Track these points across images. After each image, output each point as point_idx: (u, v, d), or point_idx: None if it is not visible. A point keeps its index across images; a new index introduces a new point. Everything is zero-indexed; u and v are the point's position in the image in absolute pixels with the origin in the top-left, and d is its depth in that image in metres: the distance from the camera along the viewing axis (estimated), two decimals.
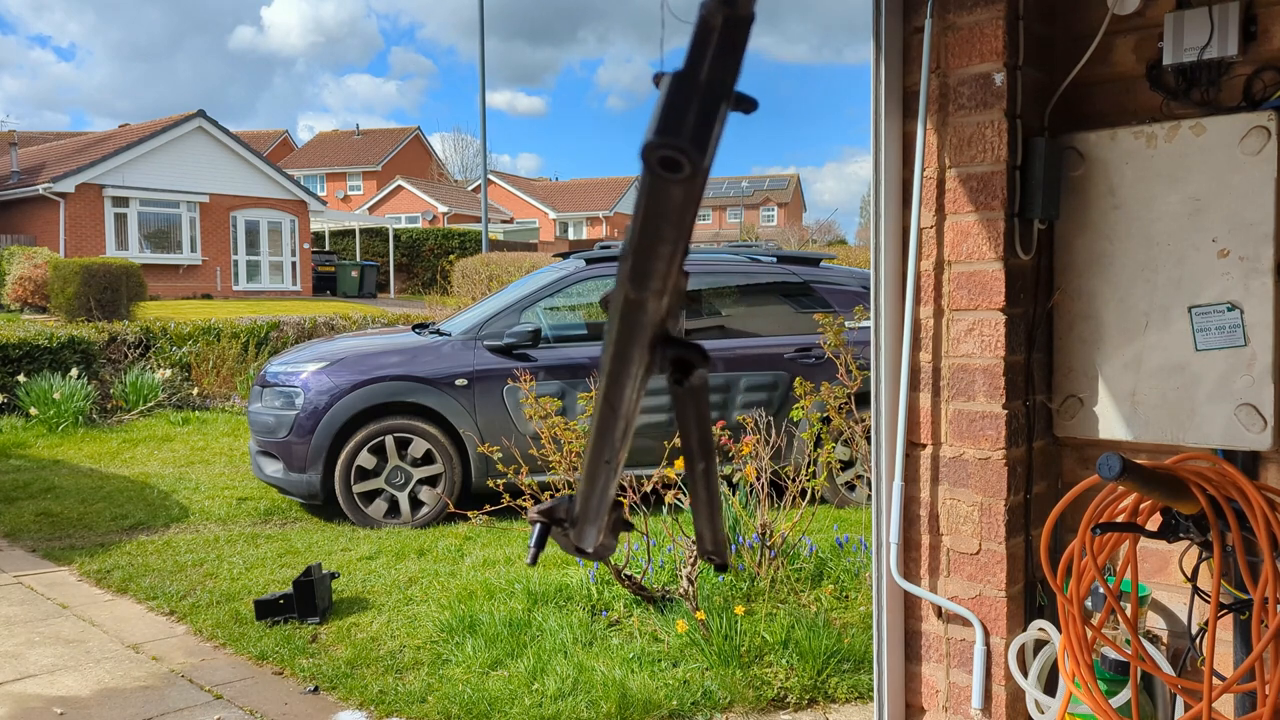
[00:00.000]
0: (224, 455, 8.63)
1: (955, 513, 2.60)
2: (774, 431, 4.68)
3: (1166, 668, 2.16)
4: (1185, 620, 2.38)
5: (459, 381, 6.29)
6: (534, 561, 0.94)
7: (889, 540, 2.67)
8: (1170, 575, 2.48)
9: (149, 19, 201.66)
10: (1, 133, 32.44)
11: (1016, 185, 2.50)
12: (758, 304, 7.11)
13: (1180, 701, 2.32)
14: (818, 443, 4.51)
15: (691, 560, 4.01)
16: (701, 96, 0.55)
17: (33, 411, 9.52)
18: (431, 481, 6.29)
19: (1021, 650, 2.50)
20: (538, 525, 0.93)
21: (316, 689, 3.72)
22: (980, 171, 2.50)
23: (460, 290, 19.37)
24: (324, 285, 29.57)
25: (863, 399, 4.72)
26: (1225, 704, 2.21)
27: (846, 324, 4.79)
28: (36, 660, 4.02)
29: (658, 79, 0.87)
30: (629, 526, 1.02)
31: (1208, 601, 2.04)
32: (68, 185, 24.26)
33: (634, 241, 0.62)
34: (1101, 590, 2.14)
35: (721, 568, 0.92)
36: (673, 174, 0.55)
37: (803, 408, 4.61)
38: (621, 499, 4.23)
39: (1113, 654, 2.26)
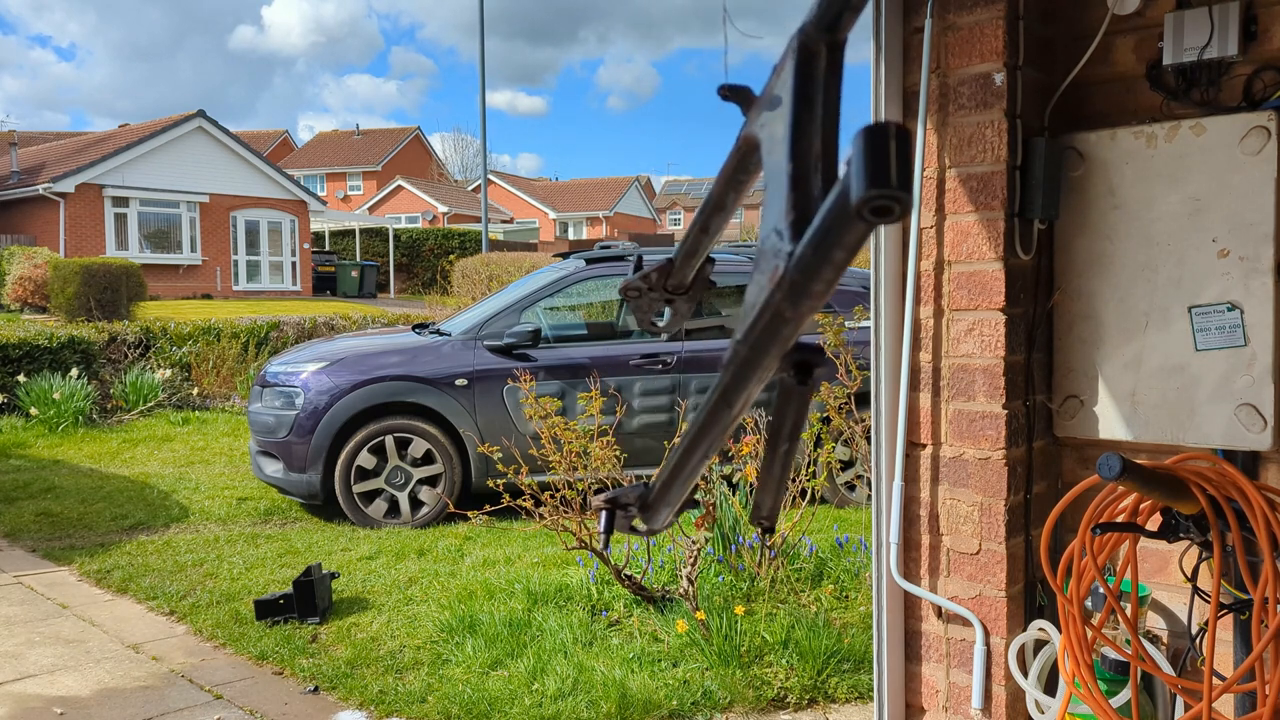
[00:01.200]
0: (224, 455, 8.63)
1: (955, 513, 2.60)
2: None
3: (1166, 668, 2.16)
4: (1185, 620, 2.38)
5: (459, 381, 6.29)
6: (607, 545, 1.00)
7: (889, 540, 2.67)
8: (1170, 575, 2.48)
9: (149, 19, 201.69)
10: (1, 133, 32.45)
11: (1016, 185, 2.50)
12: None
13: (1180, 701, 2.32)
14: (818, 443, 4.51)
15: (691, 560, 4.01)
16: (896, 140, 0.60)
17: (33, 411, 9.53)
18: (431, 481, 6.29)
19: (1021, 650, 2.50)
20: (604, 512, 0.98)
21: (316, 689, 3.72)
22: (980, 171, 2.50)
23: (460, 290, 19.37)
24: (324, 285, 29.57)
25: (863, 399, 4.72)
26: (1225, 704, 2.21)
27: (846, 324, 4.79)
28: (36, 660, 4.02)
29: (724, 91, 0.90)
30: (696, 504, 1.12)
31: (1208, 601, 2.04)
32: (68, 185, 24.26)
33: (803, 264, 0.65)
34: (1101, 590, 2.14)
35: (769, 530, 1.02)
36: (882, 218, 0.60)
37: None
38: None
39: (1113, 654, 2.26)
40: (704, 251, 1.12)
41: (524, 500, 4.45)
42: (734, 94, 0.89)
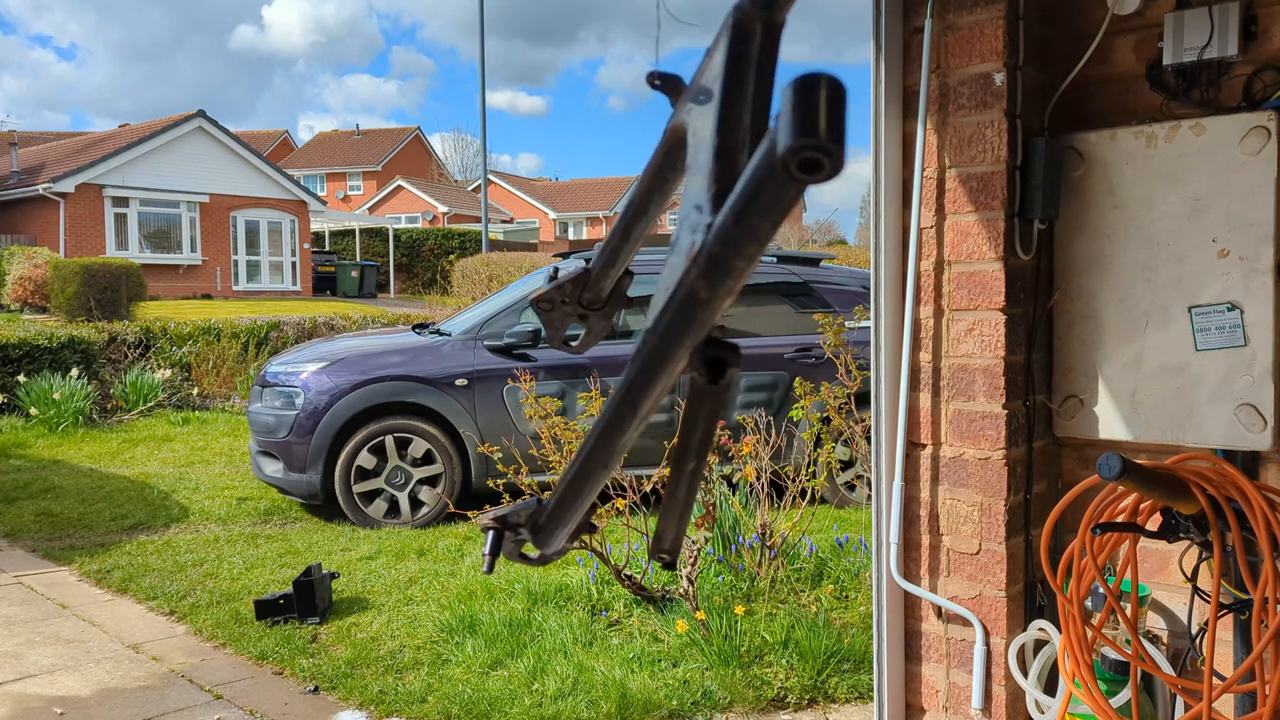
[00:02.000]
0: (224, 455, 8.63)
1: (955, 513, 2.60)
2: (774, 431, 4.68)
3: (1166, 668, 2.16)
4: (1185, 620, 2.38)
5: (459, 381, 6.29)
6: (490, 569, 0.88)
7: (889, 540, 2.67)
8: (1170, 575, 2.48)
9: (150, 19, 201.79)
10: (1, 133, 32.44)
11: (1016, 185, 2.50)
12: (758, 304, 7.11)
13: (1180, 701, 2.32)
14: (818, 443, 4.51)
15: (692, 560, 4.01)
16: (828, 90, 0.55)
17: (33, 411, 9.53)
18: (431, 481, 6.29)
19: (1021, 650, 2.50)
20: (491, 532, 0.88)
21: (316, 689, 3.72)
22: (980, 171, 2.50)
23: (460, 290, 19.37)
24: (324, 285, 29.57)
25: (863, 399, 4.72)
26: (1225, 704, 2.21)
27: (846, 324, 4.79)
28: (36, 660, 4.02)
29: (653, 79, 0.86)
30: (594, 529, 1.00)
31: (1208, 601, 2.04)
32: (68, 185, 24.26)
33: (724, 234, 0.60)
34: (1101, 590, 2.14)
35: (669, 566, 0.92)
36: (811, 175, 0.55)
37: (803, 408, 4.61)
38: (620, 499, 4.24)
39: (1113, 654, 2.26)
40: (624, 261, 1.02)
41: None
42: (665, 82, 0.84)
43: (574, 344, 1.10)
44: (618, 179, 58.32)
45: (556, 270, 1.10)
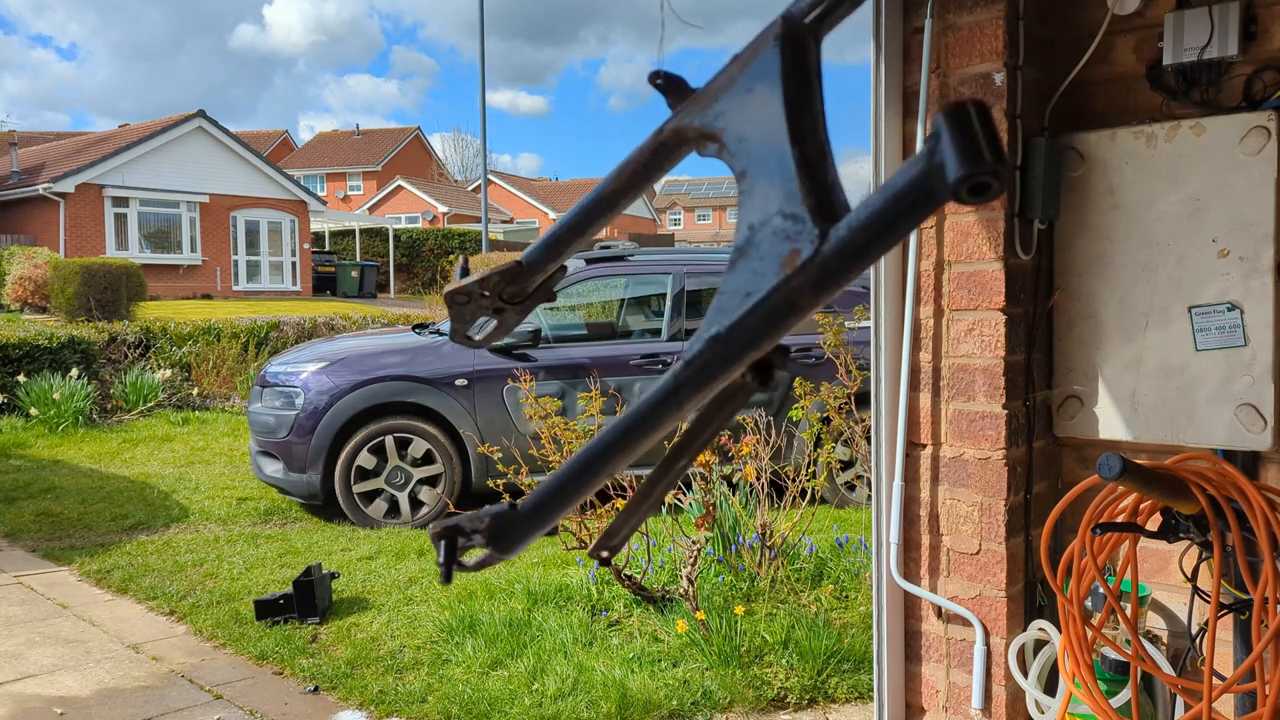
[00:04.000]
0: (224, 455, 8.63)
1: (955, 513, 2.60)
2: (774, 431, 4.67)
3: (1166, 668, 2.16)
4: (1185, 620, 2.38)
5: (459, 381, 6.29)
6: (448, 579, 0.83)
7: (889, 540, 2.67)
8: (1170, 575, 2.48)
9: (150, 18, 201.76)
10: (1, 133, 32.44)
11: (1016, 185, 2.50)
12: None
13: (1180, 701, 2.32)
14: (818, 443, 4.51)
15: (691, 560, 4.01)
16: (982, 121, 0.60)
17: (33, 411, 9.52)
18: (431, 481, 6.29)
19: (1021, 650, 2.50)
20: (443, 541, 0.84)
21: (316, 689, 3.72)
22: None
23: None
24: (324, 285, 29.56)
25: (863, 399, 4.72)
26: (1225, 704, 2.21)
27: (846, 324, 4.79)
28: (36, 660, 4.02)
29: (656, 78, 0.86)
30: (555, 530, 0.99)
31: (1208, 601, 2.04)
32: (68, 185, 24.26)
33: (849, 247, 0.64)
34: (1101, 590, 2.14)
35: (604, 563, 0.92)
36: (980, 197, 0.60)
37: (803, 408, 4.61)
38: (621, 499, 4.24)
39: (1113, 654, 2.26)
40: (567, 256, 1.01)
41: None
42: (668, 83, 0.85)
43: (478, 337, 1.08)
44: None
45: (467, 261, 1.09)
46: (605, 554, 0.94)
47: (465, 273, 1.03)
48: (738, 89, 0.77)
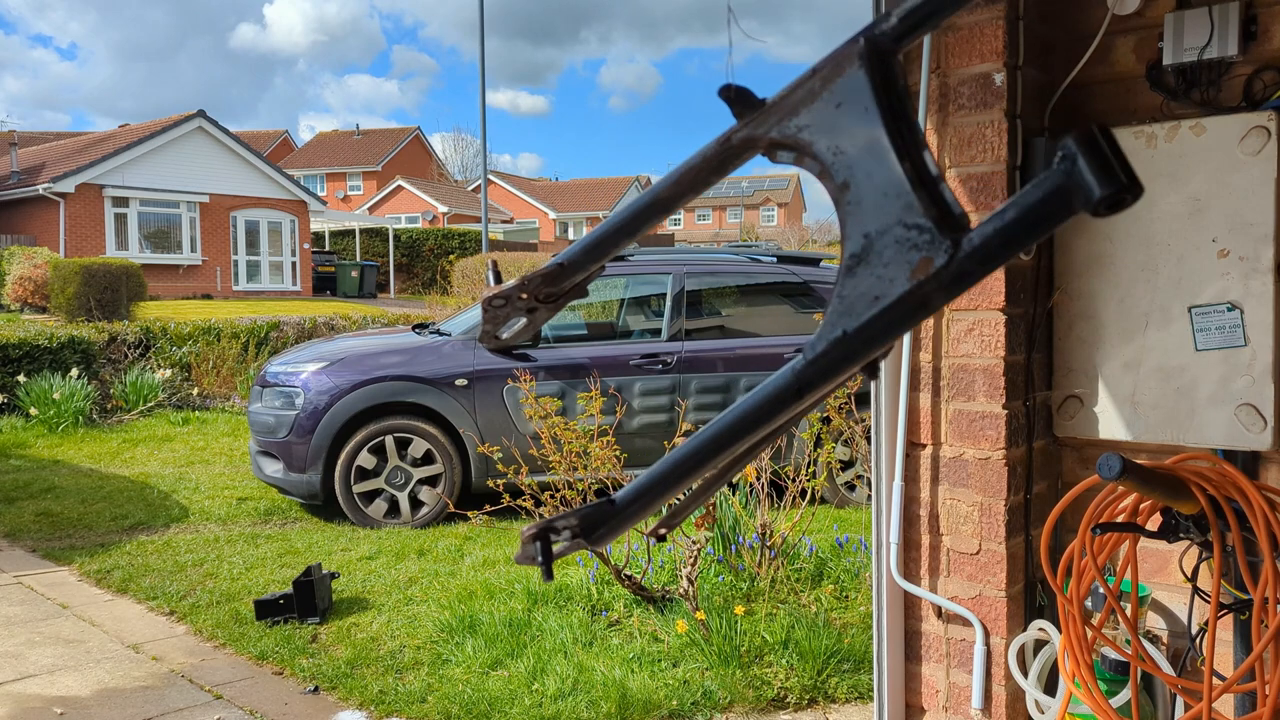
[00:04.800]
0: (224, 455, 8.63)
1: (955, 513, 2.60)
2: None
3: (1166, 668, 2.16)
4: (1185, 620, 2.38)
5: (459, 381, 6.29)
6: (549, 576, 0.91)
7: (889, 540, 2.67)
8: (1170, 575, 2.48)
9: (151, 18, 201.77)
10: (1, 133, 32.44)
11: (1017, 185, 2.49)
12: (758, 304, 7.11)
13: (1180, 701, 2.32)
14: (818, 443, 4.52)
15: (691, 560, 4.01)
16: (1110, 143, 0.70)
17: (33, 411, 9.52)
18: (431, 481, 6.29)
19: (1021, 650, 2.50)
20: (539, 542, 0.90)
21: (316, 689, 3.72)
22: (980, 171, 2.50)
23: (460, 290, 19.38)
24: (324, 285, 29.56)
25: (863, 399, 4.73)
26: (1225, 704, 2.21)
27: None
28: (36, 660, 4.02)
29: (728, 91, 0.91)
30: (661, 538, 1.08)
31: (1208, 601, 2.04)
32: (68, 185, 24.26)
33: (989, 252, 0.73)
34: (1101, 590, 2.14)
35: (660, 539, 1.00)
36: (1115, 210, 0.70)
37: None
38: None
39: (1113, 654, 2.26)
40: (611, 257, 1.04)
41: (524, 500, 4.45)
42: (739, 95, 0.89)
43: (506, 336, 1.10)
44: (618, 179, 58.31)
45: (498, 266, 1.12)
46: (663, 532, 1.00)
47: (499, 277, 1.07)
48: (822, 104, 0.83)
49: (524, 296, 1.04)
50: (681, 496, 0.98)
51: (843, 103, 0.81)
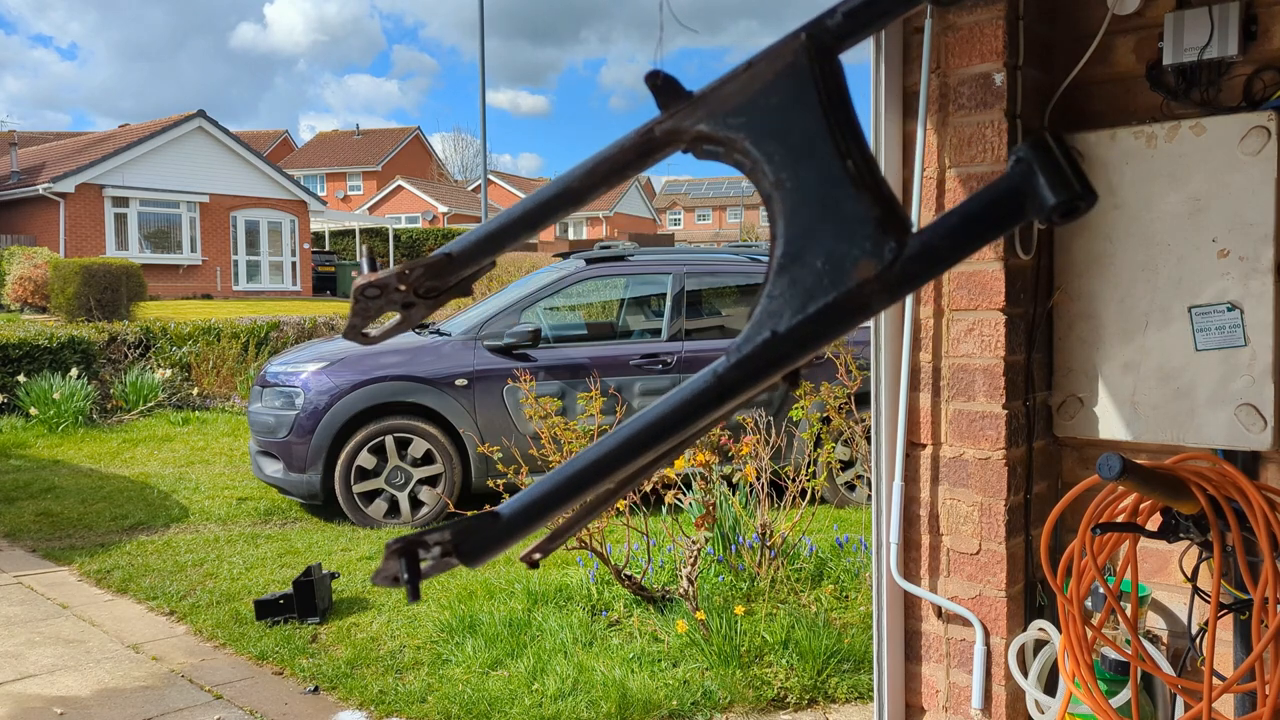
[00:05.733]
0: (224, 455, 8.63)
1: (955, 513, 2.60)
2: (774, 431, 4.68)
3: (1166, 668, 2.16)
4: (1185, 620, 2.38)
5: (459, 381, 6.29)
6: (415, 596, 0.80)
7: (889, 540, 2.67)
8: (1170, 575, 2.48)
9: (151, 18, 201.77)
10: (1, 133, 32.44)
11: None
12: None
13: (1180, 701, 2.32)
14: (818, 443, 4.51)
15: (691, 560, 4.01)
16: (1064, 152, 0.70)
17: (33, 411, 9.52)
18: (431, 481, 6.29)
19: (1021, 650, 2.50)
20: (404, 558, 0.80)
21: (316, 689, 3.72)
22: (980, 171, 2.50)
23: None
24: (324, 285, 29.57)
25: (863, 399, 4.72)
26: (1225, 704, 2.21)
27: None
28: (36, 660, 4.02)
29: (655, 78, 0.87)
30: (534, 565, 0.98)
31: (1208, 601, 2.04)
32: (68, 185, 24.26)
33: (937, 258, 0.72)
34: (1101, 590, 2.14)
35: (533, 565, 0.93)
36: (1069, 218, 0.69)
37: (803, 408, 4.61)
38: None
39: (1113, 654, 2.26)
40: (507, 250, 0.96)
41: None
42: (665, 84, 0.85)
43: (376, 334, 1.00)
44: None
45: (374, 252, 1.04)
46: (538, 557, 0.93)
47: (374, 265, 0.97)
48: (758, 98, 0.79)
49: (402, 289, 0.93)
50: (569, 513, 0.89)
51: (780, 99, 0.78)
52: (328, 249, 34.25)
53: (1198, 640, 2.28)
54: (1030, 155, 0.69)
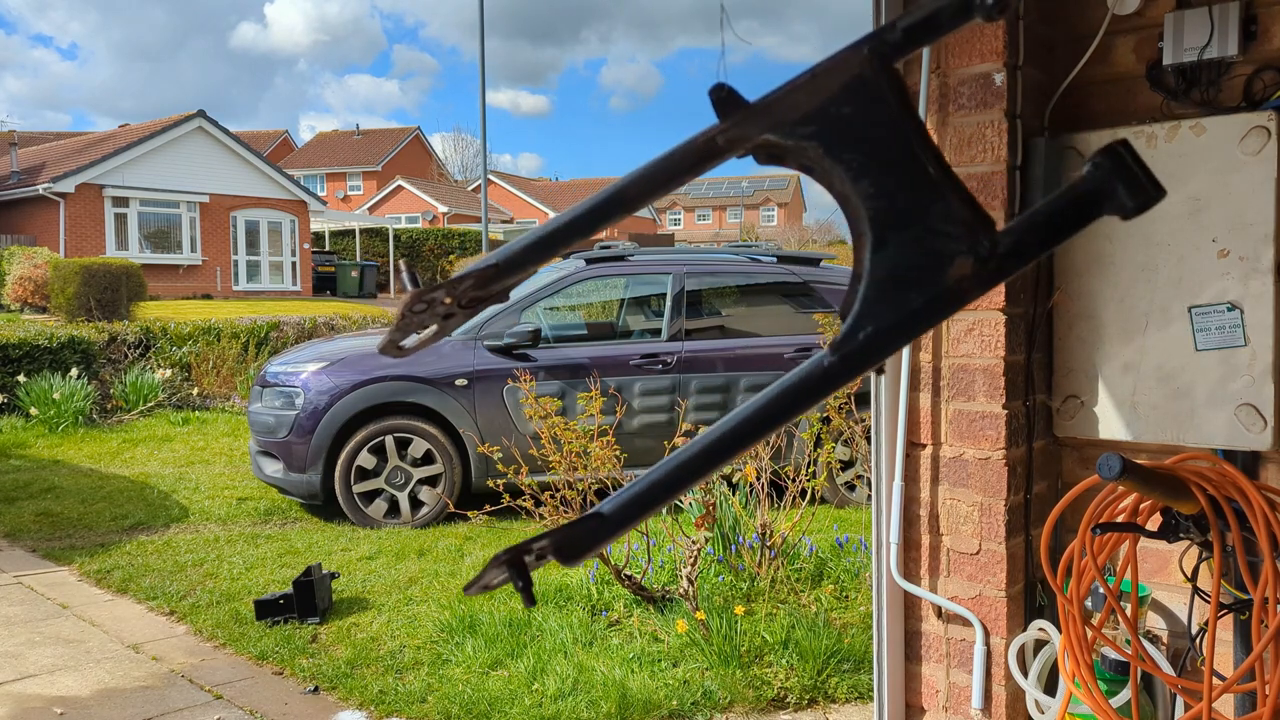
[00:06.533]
0: (224, 455, 8.63)
1: (955, 513, 2.60)
2: None
3: (1166, 668, 2.16)
4: (1185, 620, 2.38)
5: (459, 381, 6.29)
6: (531, 601, 0.83)
7: (889, 540, 2.67)
8: (1170, 575, 2.48)
9: (151, 18, 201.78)
10: (1, 133, 32.43)
11: (1016, 185, 2.50)
12: (758, 304, 7.11)
13: (1180, 701, 2.32)
14: (818, 443, 4.52)
15: (691, 560, 4.01)
16: (1133, 156, 0.79)
17: (33, 411, 9.52)
18: (431, 481, 6.29)
19: (1021, 650, 2.50)
20: (513, 568, 0.83)
21: (316, 689, 3.72)
22: (980, 171, 2.50)
23: None
24: (324, 285, 29.56)
25: (863, 399, 4.73)
26: (1225, 704, 2.21)
27: None
28: (36, 660, 4.02)
29: (720, 90, 0.88)
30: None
31: (1208, 601, 2.04)
32: (68, 185, 24.25)
33: (1023, 247, 0.80)
34: (1101, 590, 2.14)
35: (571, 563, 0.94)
36: (1143, 212, 0.78)
37: None
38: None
39: (1113, 654, 2.26)
40: (554, 257, 0.95)
41: (524, 500, 4.45)
42: (729, 97, 0.88)
43: (410, 345, 0.99)
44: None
45: (414, 269, 1.00)
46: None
47: (416, 279, 0.95)
48: (827, 107, 0.83)
49: (448, 301, 0.92)
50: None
51: (852, 109, 0.82)
52: (328, 249, 34.23)
53: (1198, 640, 2.28)
54: (1106, 161, 0.76)
